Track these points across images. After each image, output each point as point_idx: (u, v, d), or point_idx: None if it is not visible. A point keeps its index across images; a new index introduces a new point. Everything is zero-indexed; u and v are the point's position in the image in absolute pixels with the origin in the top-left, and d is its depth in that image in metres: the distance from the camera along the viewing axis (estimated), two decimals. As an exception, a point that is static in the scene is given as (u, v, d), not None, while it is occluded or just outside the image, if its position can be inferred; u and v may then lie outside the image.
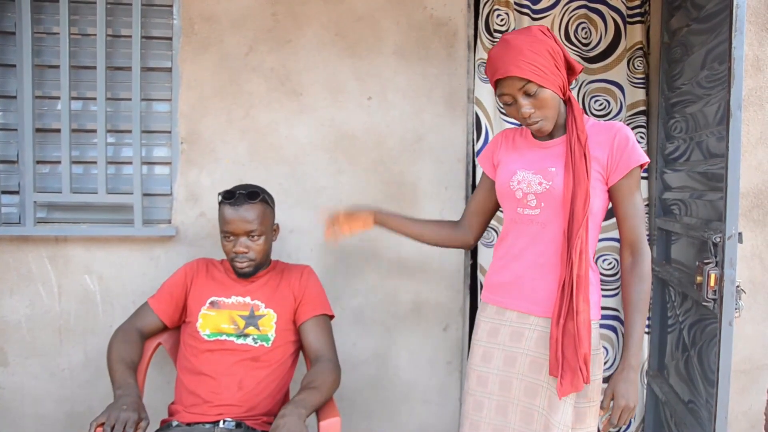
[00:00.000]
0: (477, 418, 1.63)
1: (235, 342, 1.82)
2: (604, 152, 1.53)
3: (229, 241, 1.83)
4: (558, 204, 1.53)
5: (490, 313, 1.67)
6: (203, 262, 1.96)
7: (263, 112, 2.29)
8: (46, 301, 2.25)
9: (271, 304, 1.87)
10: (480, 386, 1.64)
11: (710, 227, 1.75)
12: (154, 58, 2.28)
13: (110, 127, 2.26)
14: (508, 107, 1.55)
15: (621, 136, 1.52)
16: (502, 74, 1.49)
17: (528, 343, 1.57)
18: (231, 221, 1.80)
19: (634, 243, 1.54)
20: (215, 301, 1.86)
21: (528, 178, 1.58)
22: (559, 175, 1.53)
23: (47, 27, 2.23)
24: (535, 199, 1.56)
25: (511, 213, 1.63)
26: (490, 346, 1.64)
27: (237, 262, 1.83)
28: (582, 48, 2.41)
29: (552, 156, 1.58)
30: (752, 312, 2.32)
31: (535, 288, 1.57)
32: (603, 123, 1.59)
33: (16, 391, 2.26)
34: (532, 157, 1.63)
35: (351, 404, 2.35)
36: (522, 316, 1.60)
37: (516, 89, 1.49)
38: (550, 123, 1.54)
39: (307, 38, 2.29)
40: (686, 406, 1.98)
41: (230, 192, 1.84)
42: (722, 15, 1.71)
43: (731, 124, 1.60)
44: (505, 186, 1.63)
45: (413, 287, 2.38)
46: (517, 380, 1.58)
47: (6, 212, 2.25)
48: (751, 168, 2.28)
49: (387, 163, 2.33)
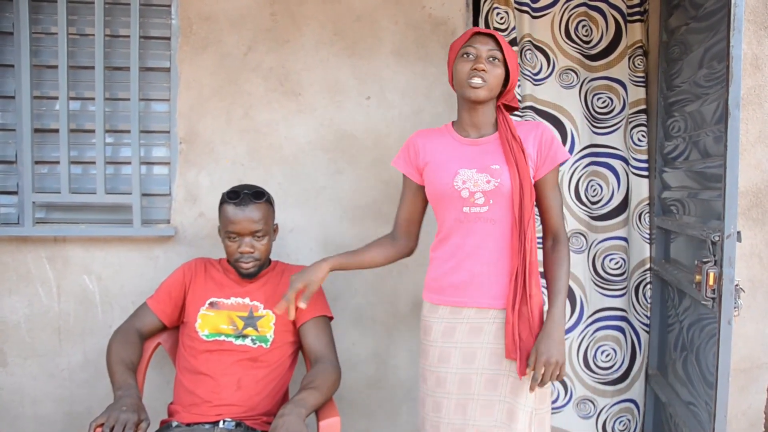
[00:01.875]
0: (437, 418, 1.65)
1: (234, 343, 1.81)
2: (534, 148, 1.67)
3: (233, 242, 1.82)
4: (507, 199, 1.61)
5: (443, 313, 1.68)
6: (201, 262, 1.95)
7: (262, 112, 2.29)
8: (45, 301, 2.25)
9: (270, 305, 1.86)
10: (439, 387, 1.65)
11: (709, 226, 1.75)
12: (153, 58, 2.28)
13: (109, 127, 2.25)
14: (463, 59, 1.65)
15: (546, 134, 1.69)
16: (487, 32, 1.65)
17: (487, 336, 1.63)
18: (237, 221, 1.79)
19: (557, 231, 1.69)
20: (214, 302, 1.86)
21: (473, 176, 1.63)
22: (505, 171, 1.62)
23: (45, 27, 2.23)
24: (483, 197, 1.62)
25: (455, 213, 1.65)
26: (447, 346, 1.66)
27: (242, 263, 1.82)
28: (583, 45, 2.41)
29: (488, 153, 1.66)
30: (751, 311, 2.32)
31: (494, 283, 1.63)
32: (526, 122, 1.76)
33: (15, 392, 2.26)
34: (467, 155, 1.67)
35: (350, 404, 2.35)
36: (481, 311, 1.64)
37: (486, 49, 1.63)
38: (488, 93, 1.65)
39: (305, 38, 2.29)
40: (686, 405, 1.98)
41: (235, 192, 1.83)
42: (720, 13, 1.71)
43: (730, 122, 1.60)
44: (448, 187, 1.64)
45: (412, 287, 2.37)
46: (476, 376, 1.62)
47: (5, 213, 2.24)
48: (749, 167, 2.28)
49: (386, 163, 2.33)
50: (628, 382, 2.44)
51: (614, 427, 2.45)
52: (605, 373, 2.44)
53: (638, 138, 2.38)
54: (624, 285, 2.44)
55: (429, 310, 1.72)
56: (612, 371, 2.44)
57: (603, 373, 2.44)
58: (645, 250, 2.39)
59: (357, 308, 2.36)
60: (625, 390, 2.45)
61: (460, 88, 1.67)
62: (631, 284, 2.44)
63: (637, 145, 2.39)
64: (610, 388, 2.44)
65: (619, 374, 2.44)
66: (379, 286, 2.36)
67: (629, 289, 2.44)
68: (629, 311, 2.44)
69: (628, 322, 2.44)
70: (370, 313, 2.37)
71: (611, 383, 2.44)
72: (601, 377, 2.44)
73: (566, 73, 2.40)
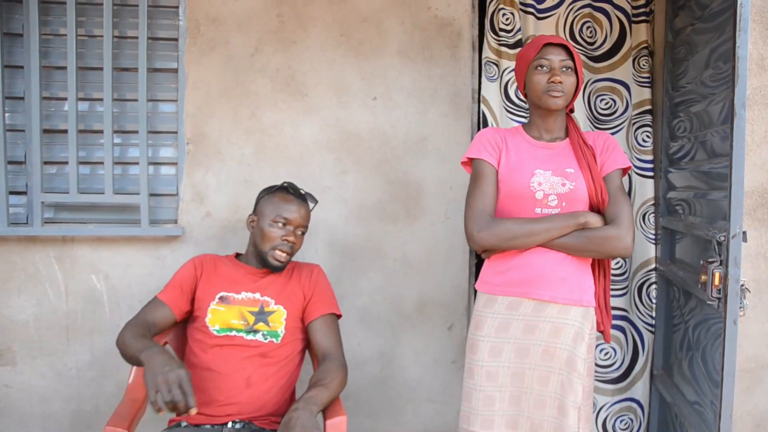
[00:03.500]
0: (489, 413, 1.66)
1: (245, 338, 1.81)
2: (598, 154, 1.74)
3: (281, 228, 1.85)
4: (580, 203, 1.67)
5: (499, 308, 1.70)
6: (210, 258, 1.96)
7: (269, 113, 2.31)
8: (53, 300, 2.27)
9: (281, 301, 1.87)
10: (490, 381, 1.67)
11: (714, 226, 1.75)
12: (160, 59, 2.30)
13: (117, 127, 2.27)
14: (538, 71, 1.70)
15: (610, 141, 1.77)
16: (557, 41, 1.70)
17: (541, 334, 1.66)
18: (294, 210, 1.87)
19: None
20: (225, 297, 1.85)
21: (549, 179, 1.68)
22: (579, 176, 1.68)
23: (54, 29, 2.25)
24: (557, 199, 1.67)
25: (526, 212, 1.68)
26: (500, 341, 1.68)
27: (280, 250, 1.84)
28: (587, 47, 2.41)
29: (561, 156, 1.72)
30: (757, 311, 2.31)
31: (561, 278, 1.66)
32: (593, 132, 1.85)
33: (24, 390, 2.28)
34: (543, 157, 1.72)
35: (356, 403, 2.36)
36: (540, 305, 1.67)
37: (557, 60, 1.69)
38: (565, 101, 1.71)
39: (312, 39, 2.30)
40: (691, 406, 1.98)
41: (294, 186, 1.93)
42: (726, 14, 1.72)
43: (735, 123, 1.60)
44: (524, 187, 1.68)
45: (418, 286, 2.38)
46: (529, 371, 1.66)
47: (14, 212, 2.26)
48: (755, 167, 2.28)
49: (392, 163, 2.34)
50: (628, 381, 2.44)
51: (615, 426, 2.45)
52: (604, 371, 2.44)
53: (643, 138, 2.38)
54: (625, 285, 2.44)
55: (486, 303, 1.72)
56: (611, 370, 2.44)
57: (602, 371, 2.44)
58: (649, 251, 2.39)
59: (363, 308, 2.37)
60: (626, 389, 2.45)
61: (537, 98, 1.72)
62: (633, 284, 2.44)
63: (642, 146, 2.39)
64: (610, 386, 2.45)
65: (620, 373, 2.44)
66: (385, 285, 2.37)
67: (631, 289, 2.44)
68: (631, 311, 2.44)
69: (629, 321, 2.44)
70: (376, 312, 2.38)
71: (611, 382, 2.44)
72: (599, 375, 2.44)
73: None
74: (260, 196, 1.95)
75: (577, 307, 1.67)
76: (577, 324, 1.66)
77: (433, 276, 2.38)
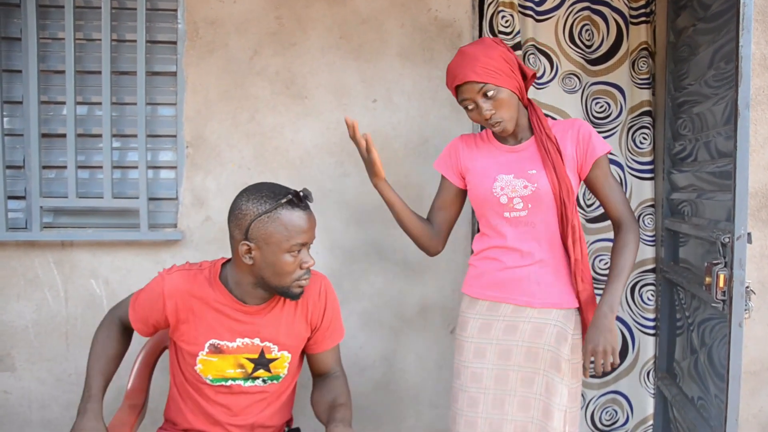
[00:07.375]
0: (473, 414, 1.68)
1: (243, 385, 1.62)
2: (572, 146, 1.69)
3: (296, 256, 1.49)
4: (545, 203, 1.66)
5: (480, 309, 1.73)
6: (183, 296, 1.56)
7: (268, 116, 2.29)
8: (52, 305, 2.26)
9: (285, 346, 1.62)
10: (474, 382, 1.69)
11: (719, 227, 1.74)
12: (159, 63, 2.29)
13: (116, 131, 2.26)
14: (470, 112, 1.67)
15: (583, 129, 1.70)
16: (461, 80, 1.62)
17: (522, 334, 1.68)
18: (308, 228, 1.49)
19: (620, 218, 1.71)
20: (217, 345, 1.58)
21: (511, 182, 1.68)
22: (542, 176, 1.65)
23: (52, 32, 2.24)
24: (522, 202, 1.67)
25: (496, 217, 1.71)
26: (483, 343, 1.71)
27: (304, 280, 1.52)
28: (585, 50, 2.40)
29: (526, 159, 1.70)
30: (762, 313, 2.30)
31: (536, 282, 1.68)
32: (563, 120, 1.76)
33: (23, 396, 2.27)
34: (506, 161, 1.72)
35: (358, 408, 2.33)
36: (518, 309, 1.69)
37: (475, 93, 1.61)
38: (511, 123, 1.66)
39: (311, 41, 2.29)
40: (696, 409, 1.96)
41: (297, 194, 1.49)
42: (729, 14, 1.70)
43: (739, 123, 1.59)
44: (488, 193, 1.70)
45: (419, 290, 2.37)
46: (513, 372, 1.68)
47: (12, 217, 2.25)
48: (759, 167, 2.27)
49: (392, 166, 2.32)
50: (614, 376, 2.46)
51: (602, 418, 2.46)
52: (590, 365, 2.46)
53: (640, 140, 2.38)
54: None
55: (468, 304, 1.77)
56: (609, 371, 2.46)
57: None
58: (645, 252, 2.38)
59: (364, 312, 2.36)
60: (612, 382, 2.46)
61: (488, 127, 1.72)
62: None
63: (639, 148, 2.38)
64: (596, 380, 2.47)
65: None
66: (387, 289, 2.36)
67: None
68: (621, 309, 2.43)
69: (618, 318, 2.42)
70: (378, 316, 2.36)
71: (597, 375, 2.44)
72: None
73: (569, 77, 2.39)
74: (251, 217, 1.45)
75: (558, 309, 1.68)
76: (560, 324, 1.67)
77: (434, 279, 2.37)
